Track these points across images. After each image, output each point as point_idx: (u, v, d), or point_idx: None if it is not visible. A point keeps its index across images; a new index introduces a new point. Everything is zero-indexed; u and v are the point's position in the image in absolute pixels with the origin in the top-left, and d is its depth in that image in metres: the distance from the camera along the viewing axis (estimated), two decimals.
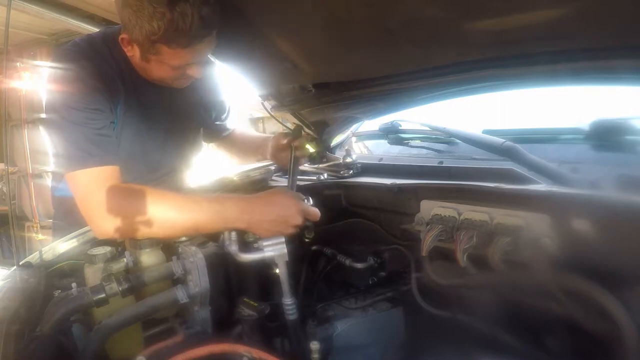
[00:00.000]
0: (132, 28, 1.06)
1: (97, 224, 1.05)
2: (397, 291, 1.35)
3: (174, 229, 1.05)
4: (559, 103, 1.38)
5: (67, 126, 1.10)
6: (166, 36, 1.05)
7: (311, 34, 1.18)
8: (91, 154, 1.08)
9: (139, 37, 1.07)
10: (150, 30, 1.04)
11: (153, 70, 1.20)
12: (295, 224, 1.09)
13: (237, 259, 1.02)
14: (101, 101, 1.14)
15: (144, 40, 1.07)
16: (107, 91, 1.16)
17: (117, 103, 1.20)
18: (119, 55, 1.21)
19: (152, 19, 1.02)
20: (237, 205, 1.07)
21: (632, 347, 0.76)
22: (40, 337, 0.79)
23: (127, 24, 1.07)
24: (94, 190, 1.05)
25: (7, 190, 4.43)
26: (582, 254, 0.85)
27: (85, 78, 1.12)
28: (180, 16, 1.02)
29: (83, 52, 1.18)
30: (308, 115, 1.75)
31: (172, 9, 1.01)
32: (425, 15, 0.94)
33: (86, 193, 1.07)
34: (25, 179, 4.26)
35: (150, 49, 1.11)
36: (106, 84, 1.16)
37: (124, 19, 1.07)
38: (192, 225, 1.05)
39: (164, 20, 1.02)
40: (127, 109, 1.23)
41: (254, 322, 1.00)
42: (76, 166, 1.08)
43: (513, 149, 1.10)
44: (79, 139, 1.09)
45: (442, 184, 1.18)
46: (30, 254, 1.07)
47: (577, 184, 0.96)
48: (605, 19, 0.80)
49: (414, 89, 1.30)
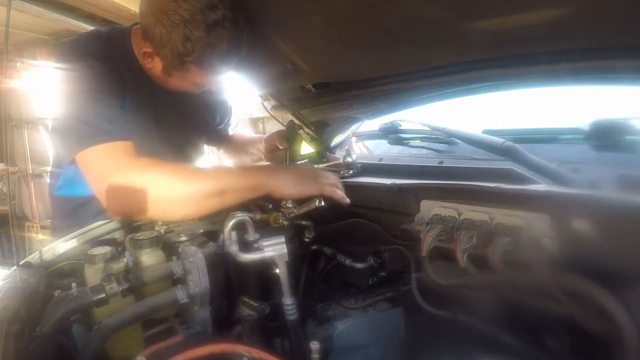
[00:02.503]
0: (162, 46, 1.05)
1: (113, 203, 1.01)
2: (397, 291, 1.35)
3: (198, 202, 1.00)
4: (559, 103, 1.38)
5: (77, 111, 1.06)
6: (199, 59, 1.04)
7: (311, 34, 1.18)
8: (103, 130, 1.04)
9: (168, 55, 1.06)
10: (183, 52, 1.03)
11: (172, 82, 1.19)
12: (327, 182, 1.09)
13: (237, 259, 1.02)
14: (111, 87, 1.12)
15: (173, 58, 1.06)
16: (116, 81, 1.14)
17: (124, 95, 1.19)
18: (127, 54, 1.20)
19: (186, 41, 1.01)
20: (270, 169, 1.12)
21: (632, 347, 0.76)
22: (40, 337, 0.78)
23: (156, 41, 1.05)
24: (109, 165, 1.01)
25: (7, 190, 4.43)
26: (582, 254, 0.85)
27: (96, 66, 1.10)
28: (217, 40, 1.01)
29: (93, 43, 1.16)
30: (308, 115, 1.76)
31: (209, 34, 1.00)
32: (425, 15, 0.94)
33: (101, 170, 1.03)
34: (25, 179, 4.26)
35: (177, 67, 1.09)
36: (114, 73, 1.14)
37: (154, 36, 1.05)
38: (218, 192, 1.01)
39: (200, 43, 1.01)
40: (133, 103, 1.22)
41: (254, 322, 1.00)
42: (88, 143, 1.04)
43: (513, 149, 1.10)
44: (89, 118, 1.05)
45: (442, 184, 1.18)
46: (30, 254, 1.07)
47: (577, 184, 0.96)
48: (605, 19, 0.80)
49: (414, 89, 1.30)
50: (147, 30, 1.07)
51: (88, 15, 2.67)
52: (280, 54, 1.26)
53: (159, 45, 1.06)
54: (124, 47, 1.20)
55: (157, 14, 1.02)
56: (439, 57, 1.12)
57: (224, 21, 1.01)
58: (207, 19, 0.99)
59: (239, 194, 1.04)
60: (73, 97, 1.08)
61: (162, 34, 1.03)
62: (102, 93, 1.09)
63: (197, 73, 1.11)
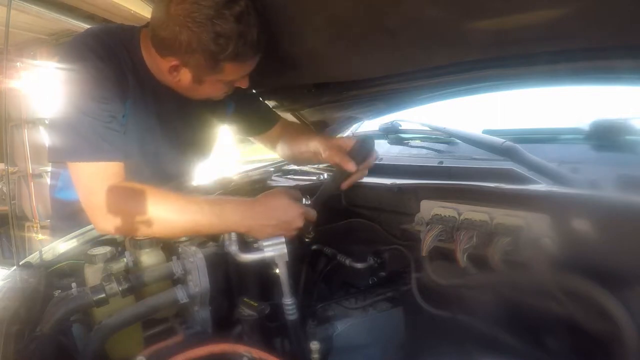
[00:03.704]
0: (191, 52, 1.02)
1: (98, 220, 1.04)
2: (397, 291, 1.35)
3: (173, 230, 1.04)
4: (559, 103, 1.38)
5: (76, 115, 1.05)
6: (235, 51, 1.02)
7: (311, 34, 1.18)
8: (99, 148, 1.05)
9: (200, 59, 1.04)
10: (217, 50, 1.01)
11: (203, 90, 1.17)
12: (297, 227, 1.08)
13: (237, 259, 1.02)
14: (112, 91, 1.10)
15: (207, 62, 1.04)
16: (118, 84, 1.12)
17: (126, 99, 1.17)
18: (133, 54, 1.17)
19: (218, 38, 0.99)
20: (238, 210, 1.06)
21: (632, 347, 0.76)
22: (40, 337, 0.78)
23: (184, 49, 1.03)
24: (98, 185, 1.03)
25: (7, 190, 4.43)
26: (582, 254, 0.85)
27: (97, 67, 1.08)
28: (247, 29, 1.00)
29: (99, 39, 1.13)
30: (308, 115, 1.76)
31: (238, 23, 0.99)
32: (425, 15, 0.95)
33: (90, 187, 1.05)
34: (25, 179, 4.26)
35: (211, 70, 1.07)
36: (117, 75, 1.12)
37: (181, 44, 1.02)
38: (192, 227, 1.04)
39: (233, 37, 1.00)
40: (136, 107, 1.20)
41: (254, 322, 1.00)
42: (82, 157, 1.05)
43: (513, 149, 1.10)
44: (87, 130, 1.05)
45: (442, 184, 1.18)
46: (30, 254, 1.07)
47: (577, 184, 0.96)
48: (605, 19, 0.80)
49: (414, 89, 1.30)
50: (170, 42, 1.04)
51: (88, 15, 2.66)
52: (281, 53, 1.26)
53: (188, 53, 1.03)
54: (132, 48, 1.17)
55: (180, 20, 1.00)
56: (439, 57, 1.12)
57: (248, 9, 1.01)
58: (233, 11, 0.99)
59: (214, 230, 1.06)
60: (73, 100, 1.07)
61: (191, 38, 1.00)
62: (103, 98, 1.08)
63: (231, 70, 1.09)
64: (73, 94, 1.07)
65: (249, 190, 1.51)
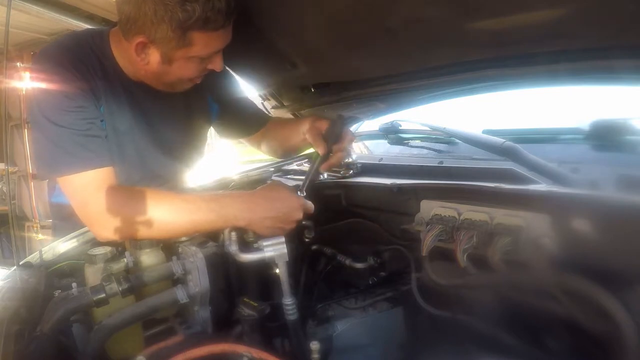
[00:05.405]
0: (157, 23, 0.99)
1: (97, 229, 1.03)
2: (397, 291, 1.35)
3: (173, 230, 1.04)
4: (559, 103, 1.38)
5: (53, 130, 1.04)
6: (203, 17, 0.98)
7: (311, 34, 1.18)
8: (83, 157, 1.04)
9: (168, 30, 1.00)
10: (184, 17, 0.97)
11: (174, 71, 1.12)
12: (297, 219, 1.07)
13: (237, 259, 1.02)
14: (84, 98, 1.08)
15: (174, 32, 1.00)
16: (89, 90, 1.10)
17: (100, 104, 1.14)
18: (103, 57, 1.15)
19: (184, 3, 0.96)
20: (236, 203, 1.05)
21: (632, 347, 0.76)
22: (40, 337, 0.79)
23: (149, 22, 0.99)
24: (89, 195, 1.02)
25: (7, 190, 4.43)
26: (582, 254, 0.85)
27: (65, 78, 1.06)
28: None
29: (60, 53, 1.11)
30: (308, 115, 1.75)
31: None
32: (425, 15, 0.95)
33: (83, 198, 1.04)
34: (25, 179, 4.26)
35: (180, 42, 1.03)
36: (87, 81, 1.10)
37: (146, 17, 0.99)
38: (191, 226, 1.04)
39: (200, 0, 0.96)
40: (111, 111, 1.17)
41: (254, 322, 1.00)
42: (68, 170, 1.04)
43: (513, 149, 1.10)
44: (66, 142, 1.04)
45: (442, 184, 1.18)
46: (30, 254, 1.07)
47: (577, 184, 0.96)
48: (605, 19, 0.80)
49: (414, 89, 1.30)
50: (135, 16, 1.00)
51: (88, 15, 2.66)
52: (280, 53, 1.26)
53: (154, 25, 1.00)
54: (101, 50, 1.15)
55: None
56: (439, 57, 1.12)
57: None
58: None
59: (214, 227, 1.06)
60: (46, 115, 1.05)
61: (156, 7, 0.97)
62: (77, 107, 1.06)
63: (201, 42, 1.05)
64: (45, 109, 1.05)
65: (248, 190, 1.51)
